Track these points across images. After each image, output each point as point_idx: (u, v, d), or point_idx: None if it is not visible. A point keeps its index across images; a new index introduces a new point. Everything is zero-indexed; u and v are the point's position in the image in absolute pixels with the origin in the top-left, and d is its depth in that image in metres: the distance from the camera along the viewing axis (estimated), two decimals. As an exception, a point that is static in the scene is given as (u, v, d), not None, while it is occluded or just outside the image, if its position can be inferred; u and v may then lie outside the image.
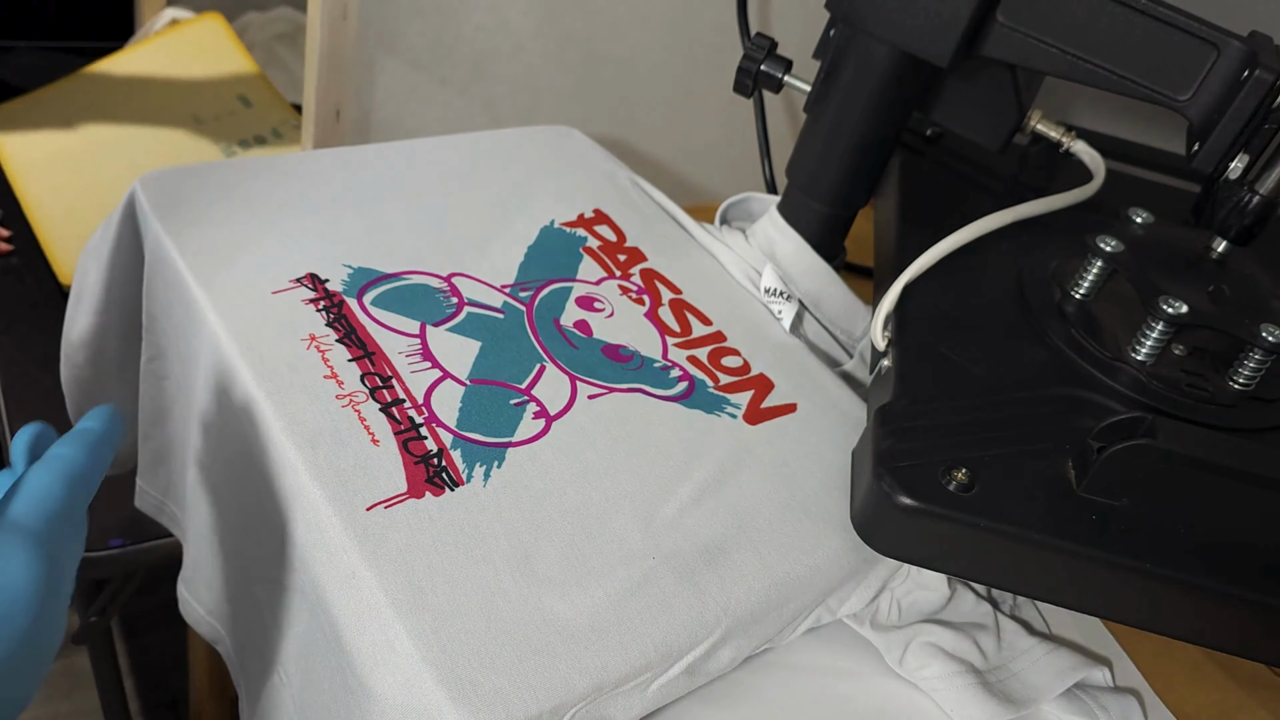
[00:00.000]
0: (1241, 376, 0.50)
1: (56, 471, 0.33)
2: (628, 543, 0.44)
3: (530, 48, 0.82)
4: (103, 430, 0.36)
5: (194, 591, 0.56)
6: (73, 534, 0.33)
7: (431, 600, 0.40)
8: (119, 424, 0.36)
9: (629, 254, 0.62)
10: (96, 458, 0.35)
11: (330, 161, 0.63)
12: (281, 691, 0.46)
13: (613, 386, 0.52)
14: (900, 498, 0.43)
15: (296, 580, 0.43)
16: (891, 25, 0.54)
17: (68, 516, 0.33)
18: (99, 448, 0.35)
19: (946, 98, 0.62)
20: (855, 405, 0.55)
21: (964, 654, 0.48)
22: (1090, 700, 0.49)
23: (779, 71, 0.63)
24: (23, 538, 0.31)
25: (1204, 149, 0.51)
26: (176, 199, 0.56)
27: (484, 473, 0.45)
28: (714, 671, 0.45)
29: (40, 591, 0.31)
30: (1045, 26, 0.52)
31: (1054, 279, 0.56)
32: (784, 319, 0.60)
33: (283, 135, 1.08)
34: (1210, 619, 0.44)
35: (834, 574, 0.47)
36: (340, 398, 0.47)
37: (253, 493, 0.46)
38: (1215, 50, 0.50)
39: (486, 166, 0.66)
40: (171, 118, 1.07)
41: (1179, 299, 0.48)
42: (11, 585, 0.30)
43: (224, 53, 1.12)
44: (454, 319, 0.53)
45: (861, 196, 0.63)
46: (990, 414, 0.48)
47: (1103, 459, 0.43)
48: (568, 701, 0.39)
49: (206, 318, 0.50)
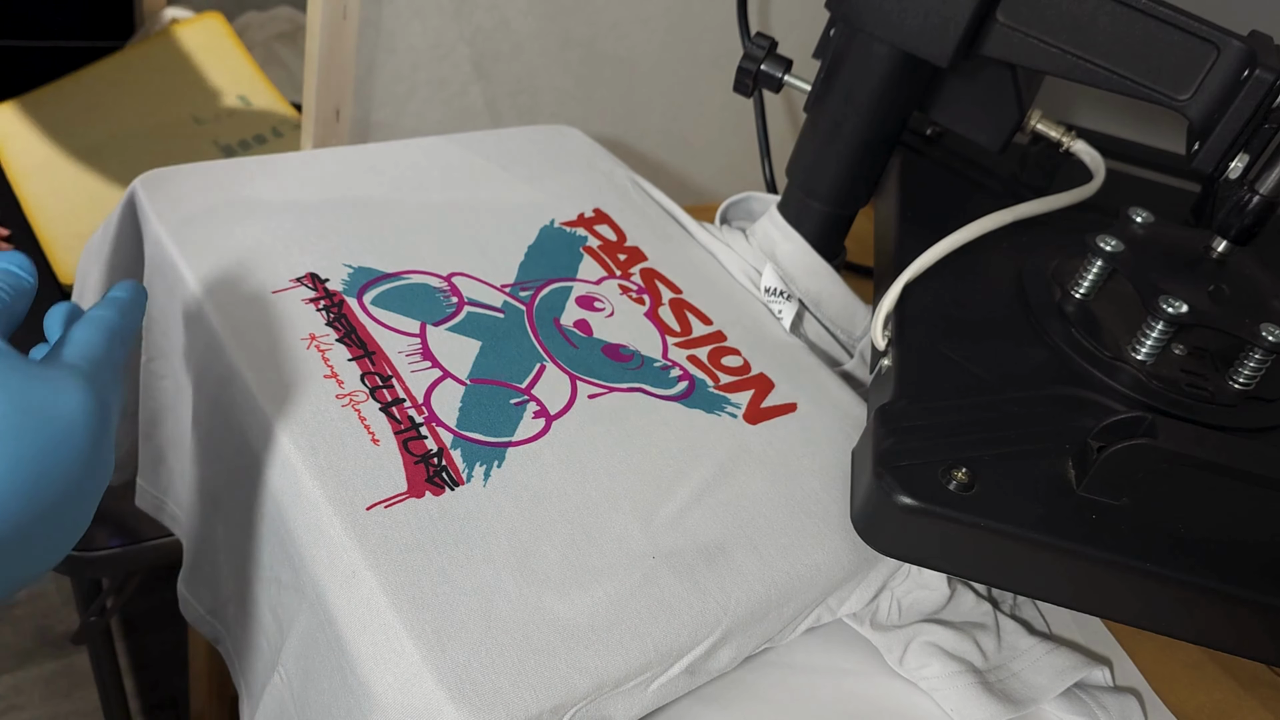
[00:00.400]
0: (1241, 376, 0.50)
1: (96, 327, 0.37)
2: (628, 542, 0.44)
3: (530, 48, 0.82)
4: (129, 297, 0.40)
5: (194, 591, 0.56)
6: (114, 382, 0.36)
7: (431, 600, 0.40)
8: (143, 292, 0.41)
9: (629, 253, 0.62)
10: (128, 317, 0.39)
11: (330, 161, 0.63)
12: (281, 691, 0.46)
13: (613, 386, 0.52)
14: (900, 497, 0.43)
15: (296, 580, 0.43)
16: (891, 25, 0.54)
17: (110, 363, 0.36)
18: (129, 309, 0.39)
19: (946, 98, 0.62)
20: (855, 405, 0.55)
21: (964, 654, 0.48)
22: (1090, 700, 0.49)
23: (779, 71, 0.63)
24: (76, 374, 0.34)
25: (1204, 149, 0.51)
26: (176, 199, 0.56)
27: (484, 472, 0.45)
28: (714, 671, 0.45)
29: (93, 422, 0.34)
30: (1045, 26, 0.52)
31: (1054, 279, 0.56)
32: (784, 319, 0.60)
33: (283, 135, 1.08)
34: (1210, 618, 0.44)
35: (834, 573, 0.47)
36: (340, 397, 0.47)
37: (252, 492, 0.46)
38: (1215, 50, 0.50)
39: (486, 166, 0.66)
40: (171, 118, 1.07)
41: (1179, 299, 0.48)
42: (70, 413, 0.33)
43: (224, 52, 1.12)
44: (454, 318, 0.53)
45: (861, 196, 0.63)
46: (990, 414, 0.48)
47: (1103, 458, 0.43)
48: (568, 701, 0.39)
49: (206, 317, 0.50)
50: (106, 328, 0.37)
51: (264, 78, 1.12)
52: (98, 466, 0.34)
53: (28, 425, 0.32)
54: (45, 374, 0.33)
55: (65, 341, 0.36)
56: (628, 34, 0.86)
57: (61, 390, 0.33)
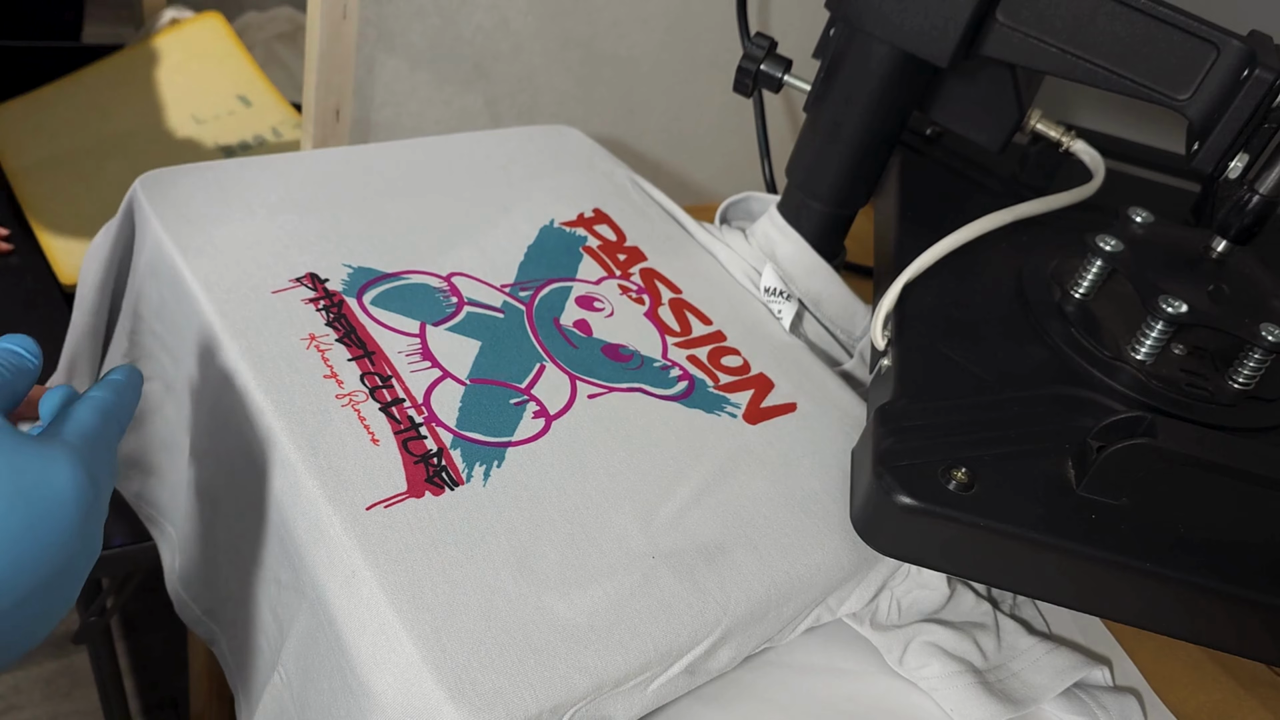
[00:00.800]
0: (1241, 376, 0.50)
1: (92, 407, 0.38)
2: (627, 542, 0.44)
3: (530, 48, 0.82)
4: (125, 379, 0.41)
5: (191, 592, 0.56)
6: (107, 461, 0.37)
7: (431, 600, 0.40)
8: (138, 375, 0.41)
9: (629, 253, 0.62)
10: (123, 398, 0.40)
11: (330, 161, 0.63)
12: (281, 691, 0.46)
13: (613, 386, 0.52)
14: (900, 497, 0.43)
15: (296, 580, 0.43)
16: (891, 25, 0.54)
17: (104, 443, 0.37)
18: (124, 390, 0.40)
19: (946, 97, 0.62)
20: (855, 405, 0.55)
21: (964, 653, 0.48)
22: (1090, 700, 0.49)
23: (779, 71, 0.63)
24: (69, 451, 0.35)
25: (1204, 148, 0.51)
26: (176, 199, 0.56)
27: (484, 472, 0.45)
28: (714, 671, 0.45)
29: (85, 498, 0.34)
30: (1045, 26, 0.52)
31: (1054, 278, 0.56)
32: (784, 318, 0.60)
33: (283, 135, 1.08)
34: (1210, 618, 0.44)
35: (834, 573, 0.47)
36: (340, 397, 0.47)
37: (251, 492, 0.46)
38: (1215, 49, 0.50)
39: (486, 166, 0.66)
40: (171, 118, 1.07)
41: (1179, 298, 0.48)
42: (61, 490, 0.34)
43: (224, 52, 1.12)
44: (454, 318, 0.53)
45: (861, 196, 0.63)
46: (990, 413, 0.48)
47: (1102, 458, 0.43)
48: (568, 701, 0.39)
49: (206, 317, 0.50)
50: (101, 407, 0.38)
51: (264, 78, 1.11)
52: (88, 542, 0.35)
53: (19, 500, 0.32)
54: (39, 450, 0.34)
55: (61, 419, 0.37)
56: (627, 34, 0.86)
57: (54, 467, 0.34)
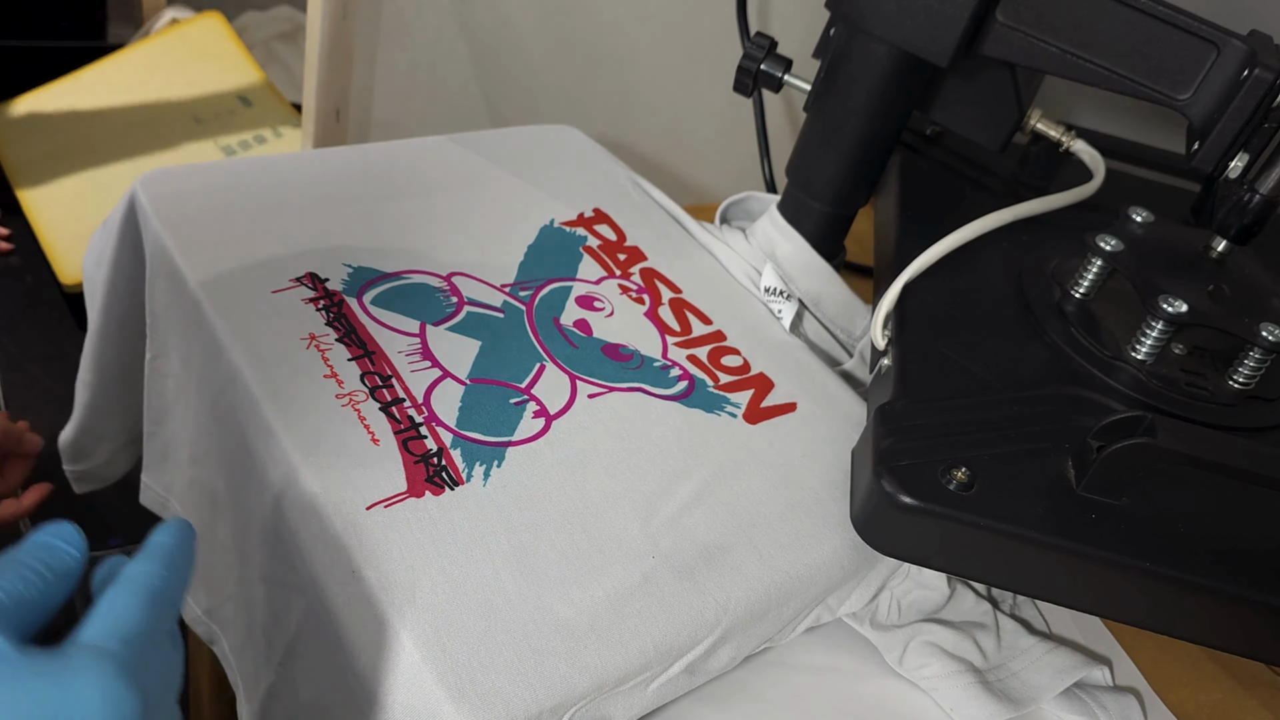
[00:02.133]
0: (1241, 375, 0.50)
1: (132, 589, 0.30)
2: (627, 542, 0.44)
3: (530, 47, 0.82)
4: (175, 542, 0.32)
5: (191, 591, 0.56)
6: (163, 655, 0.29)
7: (431, 600, 0.40)
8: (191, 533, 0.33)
9: (629, 253, 0.62)
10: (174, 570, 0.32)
11: (330, 161, 0.63)
12: (281, 691, 0.46)
13: (613, 386, 0.52)
14: (900, 497, 0.43)
15: (296, 580, 0.43)
16: (891, 25, 0.54)
17: (151, 636, 0.29)
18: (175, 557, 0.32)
19: (946, 97, 0.62)
20: (855, 404, 0.55)
21: (964, 653, 0.48)
22: (1090, 699, 0.49)
23: (779, 71, 0.63)
24: (99, 661, 0.27)
25: (1204, 148, 0.51)
26: (176, 199, 0.56)
27: (484, 472, 0.45)
28: (714, 670, 0.45)
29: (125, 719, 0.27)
30: (1045, 25, 0.52)
31: (1054, 278, 0.56)
32: (784, 318, 0.60)
33: (283, 135, 1.08)
34: (1210, 618, 0.44)
35: (834, 573, 0.47)
36: (340, 397, 0.47)
37: (253, 492, 0.46)
38: (1215, 49, 0.50)
39: (486, 166, 0.66)
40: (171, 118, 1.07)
41: (1179, 298, 0.48)
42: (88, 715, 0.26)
43: (224, 52, 1.12)
44: (454, 318, 0.53)
45: (861, 196, 0.63)
46: (990, 413, 0.48)
47: (1102, 458, 0.43)
48: (568, 700, 0.39)
49: (206, 317, 0.50)
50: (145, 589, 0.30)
51: (264, 78, 1.12)
52: None
53: None
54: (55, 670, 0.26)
55: (91, 614, 0.29)
56: (628, 33, 0.86)
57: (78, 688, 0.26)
